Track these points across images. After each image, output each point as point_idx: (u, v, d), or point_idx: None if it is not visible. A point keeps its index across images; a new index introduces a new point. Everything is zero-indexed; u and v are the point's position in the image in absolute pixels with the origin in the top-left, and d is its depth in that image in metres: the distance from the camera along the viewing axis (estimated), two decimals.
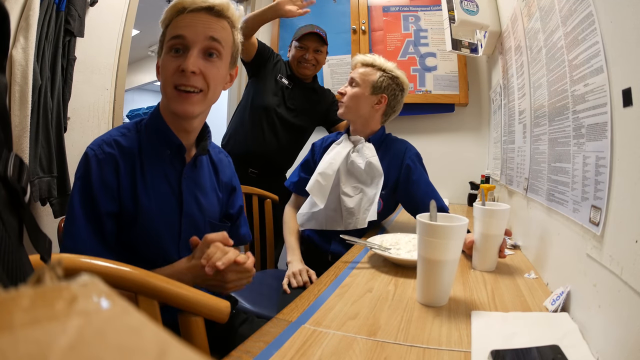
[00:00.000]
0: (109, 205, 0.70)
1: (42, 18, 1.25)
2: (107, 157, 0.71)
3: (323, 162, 1.24)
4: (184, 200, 0.77)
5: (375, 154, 1.21)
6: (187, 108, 0.72)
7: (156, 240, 0.74)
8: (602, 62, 0.57)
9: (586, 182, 0.63)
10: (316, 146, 1.37)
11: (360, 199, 1.19)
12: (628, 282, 0.47)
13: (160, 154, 0.76)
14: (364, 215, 1.17)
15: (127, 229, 0.72)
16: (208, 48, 0.72)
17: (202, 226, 0.81)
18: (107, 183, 0.70)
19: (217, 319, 0.61)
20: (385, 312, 0.65)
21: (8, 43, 0.28)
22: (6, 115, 0.29)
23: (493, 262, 0.88)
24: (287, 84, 1.66)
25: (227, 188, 0.91)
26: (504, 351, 0.50)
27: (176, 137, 0.76)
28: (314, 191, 1.18)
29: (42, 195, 1.29)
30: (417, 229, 0.68)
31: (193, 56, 0.70)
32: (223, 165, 0.92)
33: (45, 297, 0.12)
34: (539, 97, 0.94)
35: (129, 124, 0.79)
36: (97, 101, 1.59)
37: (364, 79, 1.22)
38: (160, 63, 0.75)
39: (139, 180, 0.72)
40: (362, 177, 1.21)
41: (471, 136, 2.07)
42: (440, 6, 1.72)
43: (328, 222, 1.22)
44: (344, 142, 1.26)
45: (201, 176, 0.83)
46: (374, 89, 1.22)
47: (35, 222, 0.29)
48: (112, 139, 0.73)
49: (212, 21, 0.73)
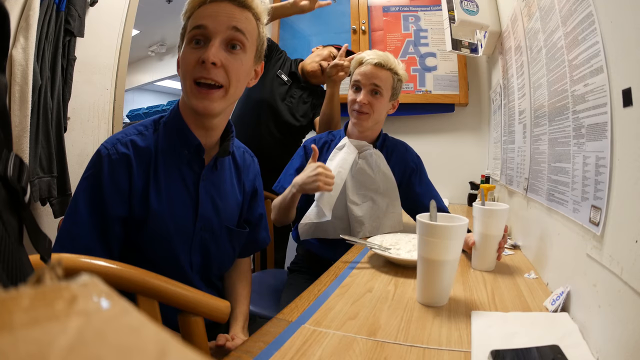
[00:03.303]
0: (119, 208, 0.67)
1: (42, 18, 1.25)
2: (120, 157, 0.68)
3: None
4: (200, 204, 0.74)
5: (387, 164, 1.16)
6: (207, 105, 0.67)
7: (165, 243, 0.71)
8: (602, 62, 0.57)
9: (586, 182, 0.63)
10: (308, 149, 1.25)
11: (369, 207, 1.15)
12: (628, 282, 0.47)
13: (178, 154, 0.73)
14: (374, 224, 1.14)
15: (135, 231, 0.70)
16: (231, 39, 0.68)
17: (218, 230, 0.78)
18: (119, 185, 0.67)
19: (217, 319, 0.61)
20: (385, 312, 0.65)
21: (8, 43, 0.28)
22: (6, 115, 0.29)
23: (492, 262, 0.88)
24: (286, 80, 1.65)
25: (249, 192, 0.88)
26: (504, 351, 0.50)
27: (195, 137, 0.72)
28: (323, 202, 1.10)
29: (42, 195, 1.29)
30: (417, 229, 0.68)
31: (215, 46, 0.66)
32: (247, 167, 0.88)
33: (45, 297, 0.12)
34: (539, 97, 0.94)
35: (147, 121, 0.76)
36: (97, 101, 1.59)
37: (385, 85, 1.14)
38: (180, 56, 0.70)
39: (152, 182, 0.70)
40: (373, 185, 1.16)
41: (471, 136, 2.07)
42: (440, 6, 1.72)
43: (335, 231, 1.15)
44: (347, 147, 1.18)
45: (221, 179, 0.79)
46: (392, 96, 1.17)
47: (35, 222, 0.29)
48: (129, 138, 0.70)
49: (236, 12, 0.69)
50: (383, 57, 1.14)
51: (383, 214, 1.16)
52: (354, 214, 1.14)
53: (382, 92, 1.14)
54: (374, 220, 1.15)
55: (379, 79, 1.13)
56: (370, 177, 1.16)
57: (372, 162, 1.17)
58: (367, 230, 1.14)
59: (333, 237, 1.15)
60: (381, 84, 1.13)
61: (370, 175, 1.16)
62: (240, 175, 0.86)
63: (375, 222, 1.15)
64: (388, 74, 1.14)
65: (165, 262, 0.71)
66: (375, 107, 1.14)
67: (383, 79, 1.13)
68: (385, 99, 1.15)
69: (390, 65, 1.14)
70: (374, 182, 1.16)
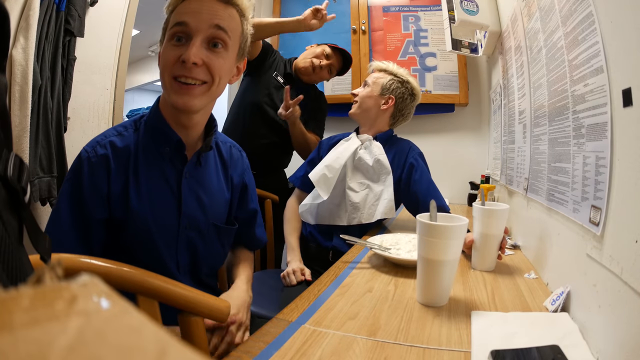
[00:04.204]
0: (99, 211, 0.67)
1: (42, 18, 1.25)
2: (99, 159, 0.68)
3: (330, 155, 1.26)
4: (183, 201, 0.73)
5: (384, 152, 1.23)
6: (187, 101, 0.66)
7: (148, 243, 0.70)
8: (602, 62, 0.57)
9: (586, 182, 0.63)
10: (323, 144, 1.40)
11: (366, 194, 1.21)
12: (628, 282, 0.47)
13: (159, 152, 0.72)
14: (370, 211, 1.19)
15: (118, 232, 0.69)
16: (213, 37, 0.67)
17: (205, 229, 0.77)
18: (98, 187, 0.67)
19: (217, 319, 0.61)
20: (385, 312, 0.65)
21: (8, 43, 0.28)
22: (6, 115, 0.29)
23: (492, 262, 0.88)
24: (282, 82, 1.64)
25: (237, 186, 0.86)
26: (504, 351, 0.50)
27: (174, 132, 0.72)
28: (319, 182, 1.19)
29: (42, 195, 1.29)
30: (417, 229, 0.68)
31: (195, 46, 0.64)
32: (234, 162, 0.86)
33: (45, 297, 0.12)
34: (539, 97, 0.94)
35: (128, 121, 0.76)
36: (97, 101, 1.59)
37: (375, 81, 1.30)
38: (161, 51, 0.69)
39: (131, 182, 0.69)
40: (369, 174, 1.23)
41: (471, 136, 2.07)
42: (440, 6, 1.72)
43: (331, 216, 1.22)
44: (352, 139, 1.29)
45: (206, 175, 0.78)
46: (383, 90, 1.28)
47: (35, 222, 0.29)
48: (108, 140, 0.70)
49: (219, 8, 0.67)
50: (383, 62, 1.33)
51: (377, 200, 1.20)
52: (351, 200, 1.20)
53: (370, 86, 1.30)
54: (369, 207, 1.20)
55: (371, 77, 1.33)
56: (368, 166, 1.22)
57: (370, 150, 1.25)
58: (362, 216, 1.19)
59: (329, 222, 1.23)
60: (371, 80, 1.31)
61: (368, 164, 1.22)
62: (227, 170, 0.84)
63: (371, 208, 1.19)
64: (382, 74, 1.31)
65: (151, 262, 0.70)
66: (360, 96, 1.30)
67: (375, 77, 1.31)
68: (373, 92, 1.29)
69: (384, 67, 1.31)
70: (370, 170, 1.23)
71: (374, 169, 1.22)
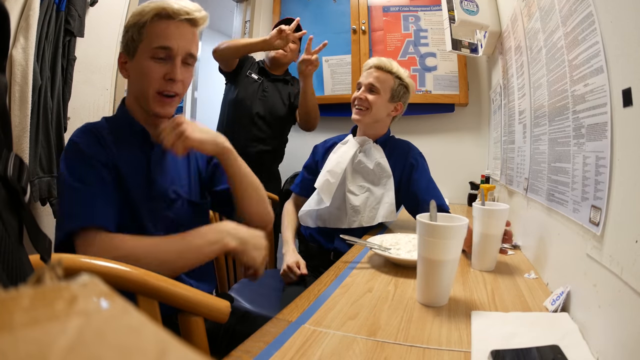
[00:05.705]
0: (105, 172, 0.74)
1: (42, 18, 1.25)
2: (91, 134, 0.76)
3: (330, 160, 1.25)
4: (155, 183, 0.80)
5: (384, 156, 1.23)
6: (168, 110, 0.80)
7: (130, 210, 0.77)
8: (602, 62, 0.57)
9: (586, 182, 0.63)
10: (317, 148, 1.39)
11: (366, 197, 1.21)
12: (628, 282, 0.47)
13: (129, 141, 0.81)
14: (371, 214, 1.19)
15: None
16: (186, 59, 0.80)
17: (179, 206, 0.84)
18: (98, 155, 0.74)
19: (217, 319, 0.61)
20: (385, 312, 0.65)
21: (8, 43, 0.28)
22: (6, 115, 0.29)
23: (492, 262, 0.88)
24: (257, 78, 1.74)
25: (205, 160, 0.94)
26: (504, 351, 0.50)
27: (138, 123, 0.81)
28: (323, 189, 1.18)
29: (42, 195, 1.29)
30: (417, 229, 0.68)
31: (178, 66, 0.77)
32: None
33: (45, 297, 0.12)
34: (539, 97, 0.94)
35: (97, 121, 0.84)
36: (97, 101, 1.59)
37: (383, 86, 1.21)
38: (141, 67, 0.77)
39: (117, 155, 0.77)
40: (370, 177, 1.23)
41: (471, 136, 2.07)
42: (440, 6, 1.72)
43: (332, 219, 1.23)
44: (350, 142, 1.27)
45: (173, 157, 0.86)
46: (392, 97, 1.23)
47: (35, 222, 0.29)
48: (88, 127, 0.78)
49: (191, 33, 0.79)
50: (384, 61, 1.23)
51: (378, 203, 1.20)
52: (351, 203, 1.20)
53: (380, 91, 1.21)
54: (370, 210, 1.20)
55: (376, 79, 1.21)
56: (368, 169, 1.22)
57: (370, 154, 1.23)
58: (363, 220, 1.19)
59: (330, 225, 1.23)
60: (378, 83, 1.21)
61: (368, 167, 1.22)
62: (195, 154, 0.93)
63: (372, 212, 1.19)
64: (388, 76, 1.22)
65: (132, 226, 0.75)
66: (373, 103, 1.21)
67: (381, 80, 1.21)
68: (384, 98, 1.22)
69: (389, 68, 1.22)
70: (371, 174, 1.22)
71: (374, 173, 1.22)
